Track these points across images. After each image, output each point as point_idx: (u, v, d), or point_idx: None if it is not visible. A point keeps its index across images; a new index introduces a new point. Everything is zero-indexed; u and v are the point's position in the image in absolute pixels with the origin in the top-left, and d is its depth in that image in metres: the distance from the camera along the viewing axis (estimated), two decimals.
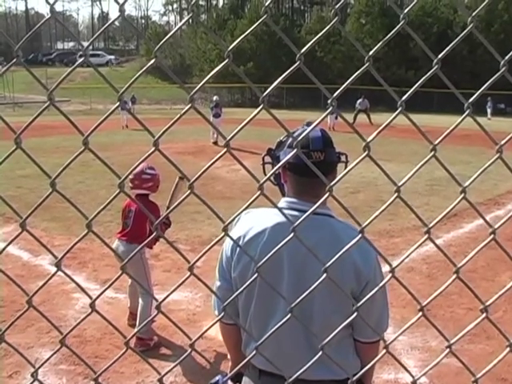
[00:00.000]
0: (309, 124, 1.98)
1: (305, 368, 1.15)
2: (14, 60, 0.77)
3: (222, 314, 1.13)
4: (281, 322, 1.09)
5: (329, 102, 0.83)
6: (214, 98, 19.01)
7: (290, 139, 1.91)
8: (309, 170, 1.06)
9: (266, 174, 1.40)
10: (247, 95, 39.32)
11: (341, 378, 1.85)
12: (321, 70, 31.70)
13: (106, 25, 1.07)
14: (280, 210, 1.07)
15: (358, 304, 1.13)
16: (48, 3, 0.75)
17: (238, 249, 1.91)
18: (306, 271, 1.80)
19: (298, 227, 0.99)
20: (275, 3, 48.83)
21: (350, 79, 0.84)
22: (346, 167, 1.92)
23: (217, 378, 2.21)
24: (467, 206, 0.99)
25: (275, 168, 1.28)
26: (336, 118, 17.27)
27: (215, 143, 16.92)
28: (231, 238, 1.12)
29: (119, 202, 4.20)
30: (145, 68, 0.88)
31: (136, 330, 2.71)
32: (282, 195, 2.02)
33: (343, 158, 2.02)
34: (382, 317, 1.95)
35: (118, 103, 0.86)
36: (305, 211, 1.01)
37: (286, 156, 1.82)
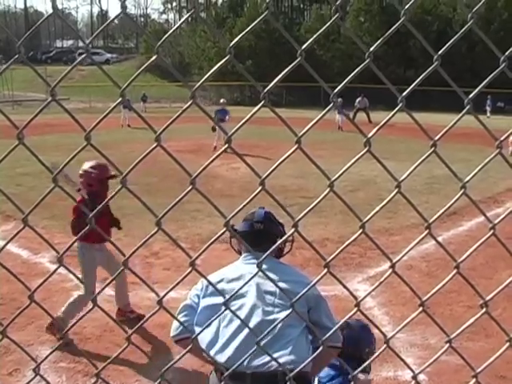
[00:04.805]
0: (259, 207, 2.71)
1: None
2: (17, 56, 0.78)
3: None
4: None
5: (330, 98, 0.84)
6: (222, 100, 18.05)
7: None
8: (252, 239, 1.79)
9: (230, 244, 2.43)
10: (246, 93, 39.29)
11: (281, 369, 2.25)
12: (320, 68, 31.57)
13: (110, 20, 1.08)
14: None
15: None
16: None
17: (208, 287, 2.46)
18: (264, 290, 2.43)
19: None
20: (275, 1, 48.78)
21: (351, 74, 0.85)
22: (282, 237, 2.47)
23: None
24: (466, 204, 1.00)
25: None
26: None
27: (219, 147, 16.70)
28: (233, 232, 1.16)
29: (120, 200, 4.19)
30: (147, 63, 0.89)
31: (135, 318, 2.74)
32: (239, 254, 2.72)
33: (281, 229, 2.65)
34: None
35: (120, 99, 0.86)
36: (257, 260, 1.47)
37: (241, 227, 2.61)
